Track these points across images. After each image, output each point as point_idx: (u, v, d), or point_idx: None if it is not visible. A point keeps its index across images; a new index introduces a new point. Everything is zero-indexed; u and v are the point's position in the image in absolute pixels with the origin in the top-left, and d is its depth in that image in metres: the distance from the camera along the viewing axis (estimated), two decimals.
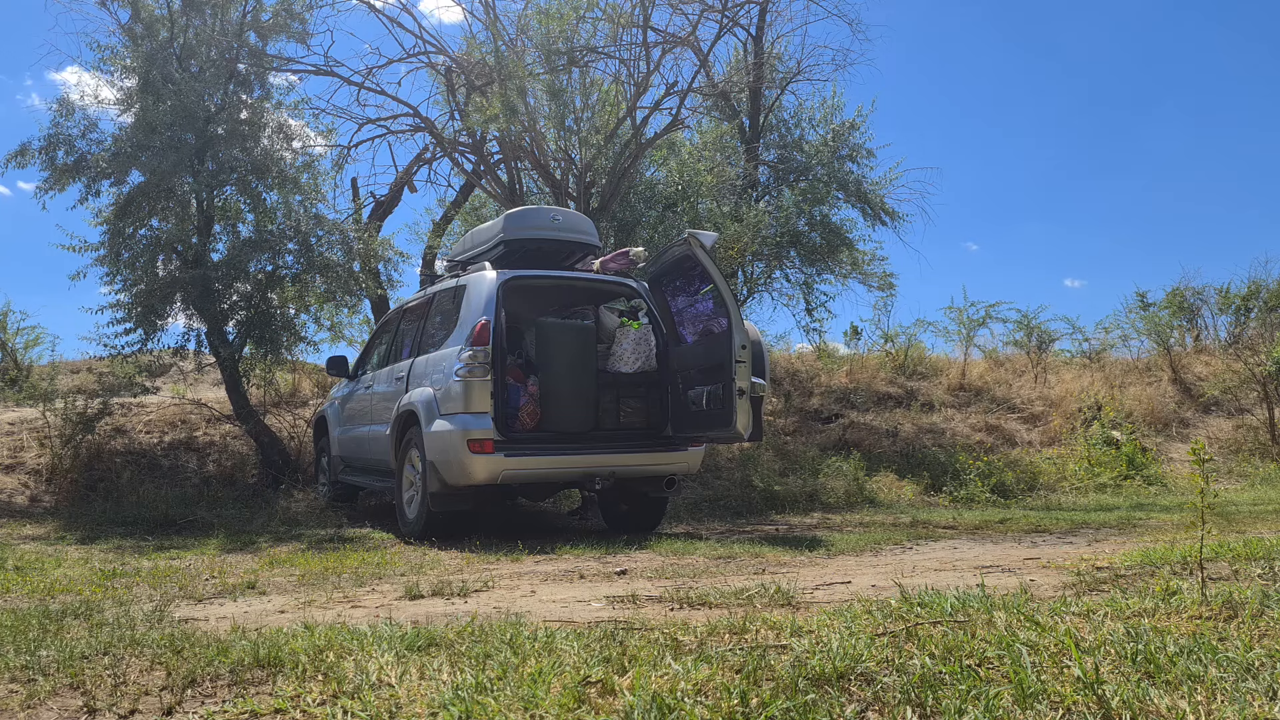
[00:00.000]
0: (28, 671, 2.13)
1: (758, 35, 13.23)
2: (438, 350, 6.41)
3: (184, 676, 2.07)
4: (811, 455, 9.96)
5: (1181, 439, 11.25)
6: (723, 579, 3.78)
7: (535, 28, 11.11)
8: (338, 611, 3.24)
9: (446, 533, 6.09)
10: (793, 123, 13.80)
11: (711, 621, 2.47)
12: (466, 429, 5.84)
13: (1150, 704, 1.64)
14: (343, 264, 9.18)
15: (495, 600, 3.42)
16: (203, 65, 9.03)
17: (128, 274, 8.74)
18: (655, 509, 6.87)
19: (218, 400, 10.27)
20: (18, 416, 9.76)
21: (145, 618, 2.92)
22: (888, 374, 12.93)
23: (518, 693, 1.81)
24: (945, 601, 2.54)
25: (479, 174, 12.36)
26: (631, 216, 11.98)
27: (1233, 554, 3.60)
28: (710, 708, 1.70)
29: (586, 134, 11.09)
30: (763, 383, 6.01)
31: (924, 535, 5.97)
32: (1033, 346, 13.54)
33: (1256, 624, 2.21)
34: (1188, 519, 6.16)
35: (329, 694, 1.92)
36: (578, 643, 2.21)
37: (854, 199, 13.13)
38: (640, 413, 6.52)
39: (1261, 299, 13.77)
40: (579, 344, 6.44)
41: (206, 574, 4.58)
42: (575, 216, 7.29)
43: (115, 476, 8.85)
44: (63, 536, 6.57)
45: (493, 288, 6.16)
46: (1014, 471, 10.01)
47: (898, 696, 1.75)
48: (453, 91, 11.81)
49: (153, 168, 8.36)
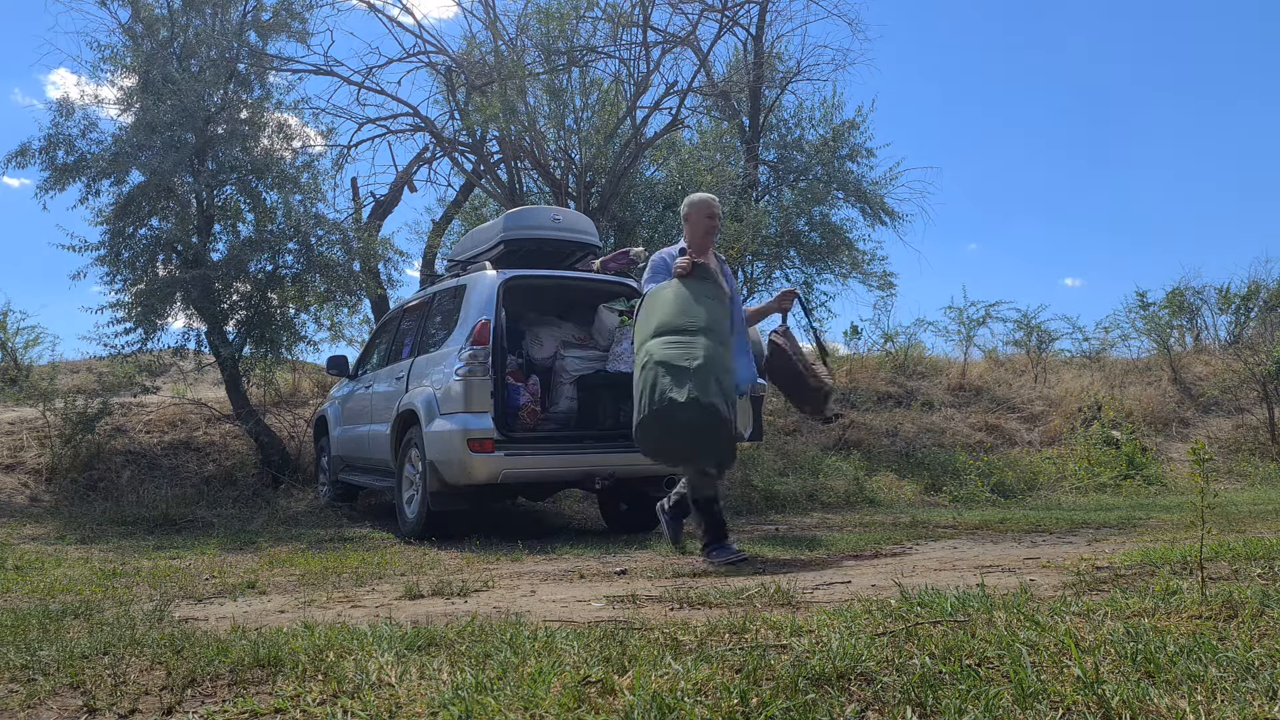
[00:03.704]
0: (28, 671, 2.13)
1: (758, 35, 13.23)
2: (438, 350, 6.41)
3: (184, 676, 2.07)
4: (811, 455, 9.96)
5: (1181, 439, 11.25)
6: (723, 579, 3.78)
7: (535, 27, 11.12)
8: (338, 611, 3.24)
9: (446, 532, 6.09)
10: (793, 122, 13.81)
11: (711, 621, 2.47)
12: (466, 428, 5.84)
13: (1150, 704, 1.64)
14: (343, 264, 9.18)
15: (495, 600, 3.42)
16: (203, 65, 9.03)
17: (128, 274, 8.74)
18: None
19: (218, 400, 10.27)
20: (18, 416, 9.76)
21: (145, 618, 2.92)
22: (888, 374, 12.93)
23: (518, 692, 1.81)
24: (945, 601, 2.54)
25: (479, 174, 12.37)
26: (631, 216, 11.99)
27: (1233, 554, 3.60)
28: (710, 707, 1.70)
29: (586, 134, 11.10)
30: (763, 382, 6.01)
31: (924, 535, 5.97)
32: (1033, 346, 13.53)
33: (1256, 624, 2.21)
34: (1188, 519, 6.15)
35: (329, 693, 1.92)
36: (578, 642, 2.21)
37: (854, 198, 13.14)
38: None
39: (1261, 299, 13.78)
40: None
41: (206, 574, 4.58)
42: (575, 216, 7.30)
43: (115, 476, 8.85)
44: (63, 536, 6.57)
45: (493, 287, 6.17)
46: (1014, 471, 10.01)
47: (898, 696, 1.75)
48: (453, 91, 11.81)
49: (153, 167, 8.36)
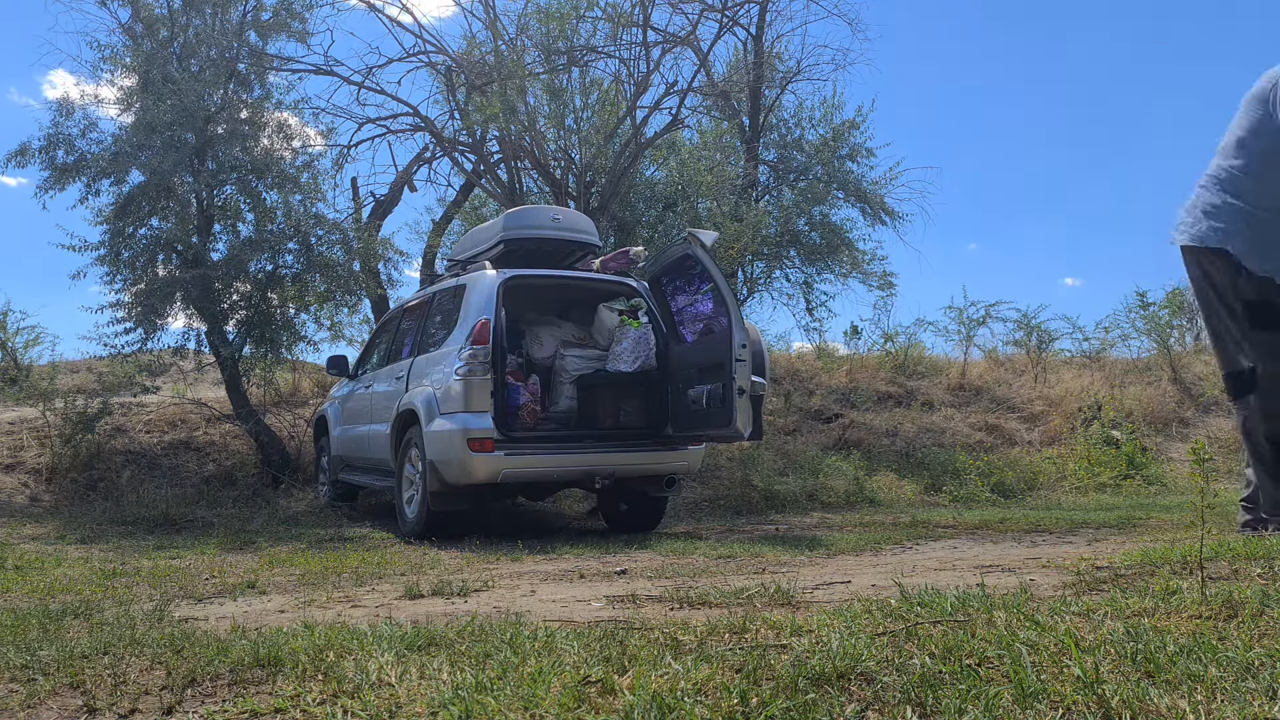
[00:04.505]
0: (28, 671, 2.13)
1: (758, 35, 13.23)
2: (438, 349, 6.42)
3: (184, 676, 2.07)
4: (811, 455, 9.96)
5: (1181, 439, 11.25)
6: (723, 579, 3.78)
7: (535, 27, 11.12)
8: (338, 611, 3.24)
9: (446, 532, 6.09)
10: (793, 122, 13.80)
11: (711, 621, 2.47)
12: (466, 428, 5.84)
13: (1150, 703, 1.64)
14: (343, 264, 9.18)
15: (495, 600, 3.42)
16: (203, 65, 9.03)
17: (128, 274, 8.74)
18: (655, 508, 6.87)
19: (218, 400, 10.27)
20: (18, 416, 9.76)
21: (145, 617, 2.92)
22: (888, 373, 12.93)
23: (518, 692, 1.81)
24: (945, 601, 2.54)
25: (479, 173, 12.37)
26: (631, 216, 11.99)
27: (1233, 554, 3.60)
28: (710, 707, 1.70)
29: (586, 133, 11.10)
30: (763, 382, 6.01)
31: (924, 535, 5.97)
32: (1032, 346, 13.52)
33: (1256, 624, 2.21)
34: (1188, 518, 6.15)
35: (329, 693, 1.92)
36: (578, 642, 2.21)
37: (854, 198, 13.13)
38: (640, 412, 6.52)
39: None
40: None
41: (206, 574, 4.58)
42: (575, 216, 7.30)
43: (115, 476, 8.85)
44: (63, 536, 6.57)
45: (493, 287, 6.17)
46: (1014, 471, 10.00)
47: (898, 696, 1.75)
48: (453, 91, 11.81)
49: (153, 167, 8.36)
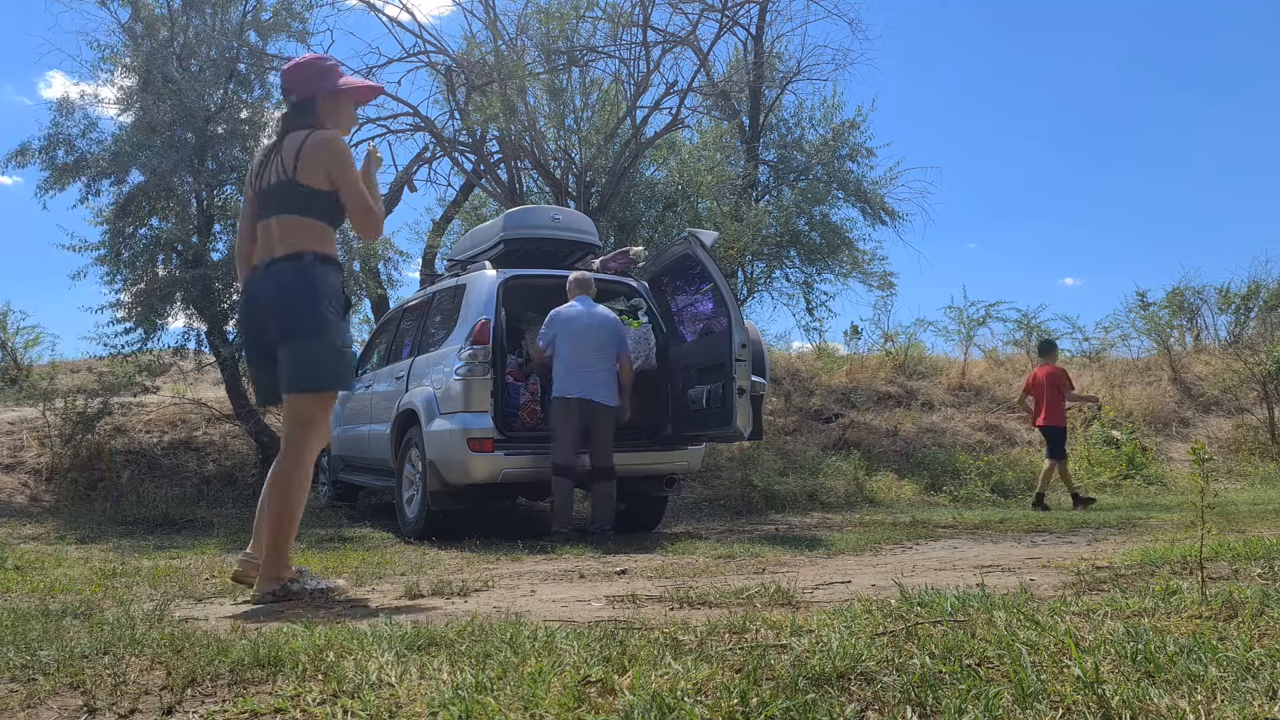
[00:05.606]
0: (28, 671, 2.13)
1: (758, 35, 13.23)
2: (438, 349, 6.42)
3: (184, 676, 2.07)
4: (811, 455, 9.96)
5: (1181, 439, 11.26)
6: (723, 579, 3.78)
7: (535, 27, 11.12)
8: (338, 610, 3.23)
9: (446, 532, 6.09)
10: (793, 122, 13.81)
11: (711, 621, 2.47)
12: (466, 428, 5.84)
13: (1150, 703, 1.64)
14: (342, 264, 9.17)
15: (495, 600, 3.42)
16: (203, 65, 9.03)
17: (128, 274, 8.74)
18: (655, 508, 6.87)
19: (218, 400, 10.27)
20: (18, 416, 9.76)
21: (145, 618, 2.92)
22: (888, 373, 12.93)
23: (518, 692, 1.81)
24: (945, 601, 2.54)
25: (479, 173, 12.37)
26: (631, 216, 11.98)
27: (1233, 554, 3.60)
28: (710, 707, 1.70)
29: (586, 133, 11.10)
30: (763, 382, 6.02)
31: (924, 535, 5.97)
32: (1032, 346, 13.53)
33: (1256, 624, 2.21)
34: (1188, 518, 6.16)
35: (329, 693, 1.92)
36: (578, 642, 2.21)
37: (854, 198, 13.14)
38: (640, 411, 6.52)
39: (1261, 298, 13.79)
40: None
41: (206, 574, 4.58)
42: (575, 215, 7.30)
43: (115, 476, 8.85)
44: (63, 536, 6.57)
45: (493, 287, 6.17)
46: (1014, 471, 10.01)
47: (898, 696, 1.75)
48: (453, 91, 11.81)
49: (153, 167, 8.36)
